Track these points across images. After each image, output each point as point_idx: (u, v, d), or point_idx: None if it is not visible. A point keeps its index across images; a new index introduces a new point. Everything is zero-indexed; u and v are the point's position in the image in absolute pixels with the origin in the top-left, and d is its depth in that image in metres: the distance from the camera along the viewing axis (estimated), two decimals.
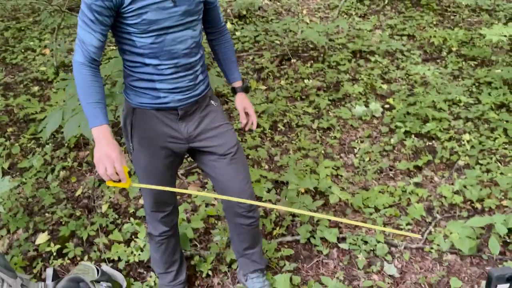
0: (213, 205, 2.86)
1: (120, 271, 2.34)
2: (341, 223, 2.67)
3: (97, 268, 2.15)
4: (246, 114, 1.95)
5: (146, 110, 1.71)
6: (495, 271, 1.34)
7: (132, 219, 2.68)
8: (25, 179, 3.08)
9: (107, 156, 1.48)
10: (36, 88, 4.34)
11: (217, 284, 2.28)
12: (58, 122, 2.45)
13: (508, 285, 1.34)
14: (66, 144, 3.43)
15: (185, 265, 2.19)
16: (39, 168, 3.17)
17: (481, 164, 2.99)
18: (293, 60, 4.66)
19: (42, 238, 2.53)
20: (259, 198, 2.92)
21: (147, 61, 1.60)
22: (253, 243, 2.05)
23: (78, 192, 2.95)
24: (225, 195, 1.79)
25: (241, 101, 1.92)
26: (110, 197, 2.88)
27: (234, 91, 1.95)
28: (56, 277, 2.15)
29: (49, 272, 2.11)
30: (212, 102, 1.83)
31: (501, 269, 1.35)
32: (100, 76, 1.54)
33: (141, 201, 2.87)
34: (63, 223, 2.69)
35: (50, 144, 3.46)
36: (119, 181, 1.53)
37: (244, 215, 1.91)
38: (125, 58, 1.65)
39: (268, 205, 1.54)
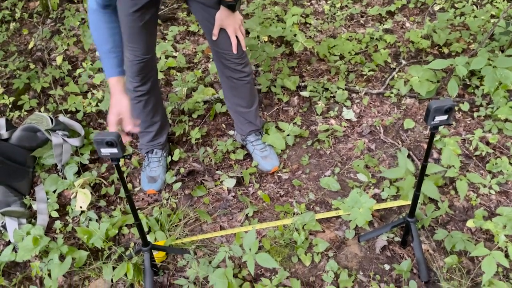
0: (174, 57, 2.75)
1: (80, 122, 2.32)
2: (305, 71, 2.61)
3: (50, 118, 2.12)
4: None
5: None
6: (434, 102, 1.30)
7: (88, 67, 2.55)
8: None
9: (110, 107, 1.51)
10: None
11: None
12: None
13: (446, 116, 1.33)
14: None
15: (168, 129, 2.11)
16: None
17: (456, 8, 2.83)
18: None
19: None
20: None
21: None
22: (248, 102, 1.98)
23: (31, 45, 2.80)
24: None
25: (220, 16, 1.68)
26: (64, 49, 2.74)
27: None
28: (11, 127, 2.14)
29: (1, 122, 2.09)
30: None
31: (441, 101, 1.30)
32: (116, 20, 1.48)
33: (98, 54, 2.73)
34: (17, 76, 2.59)
35: None
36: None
37: (232, 68, 1.82)
38: None
39: None
